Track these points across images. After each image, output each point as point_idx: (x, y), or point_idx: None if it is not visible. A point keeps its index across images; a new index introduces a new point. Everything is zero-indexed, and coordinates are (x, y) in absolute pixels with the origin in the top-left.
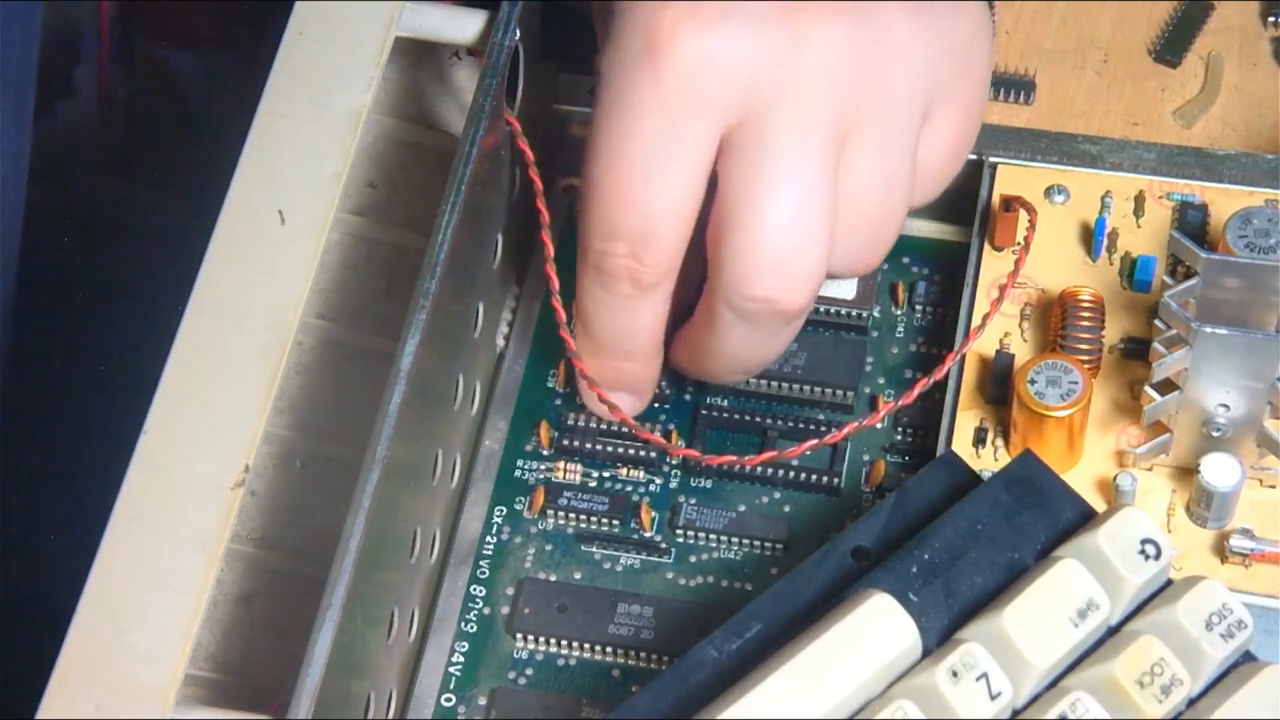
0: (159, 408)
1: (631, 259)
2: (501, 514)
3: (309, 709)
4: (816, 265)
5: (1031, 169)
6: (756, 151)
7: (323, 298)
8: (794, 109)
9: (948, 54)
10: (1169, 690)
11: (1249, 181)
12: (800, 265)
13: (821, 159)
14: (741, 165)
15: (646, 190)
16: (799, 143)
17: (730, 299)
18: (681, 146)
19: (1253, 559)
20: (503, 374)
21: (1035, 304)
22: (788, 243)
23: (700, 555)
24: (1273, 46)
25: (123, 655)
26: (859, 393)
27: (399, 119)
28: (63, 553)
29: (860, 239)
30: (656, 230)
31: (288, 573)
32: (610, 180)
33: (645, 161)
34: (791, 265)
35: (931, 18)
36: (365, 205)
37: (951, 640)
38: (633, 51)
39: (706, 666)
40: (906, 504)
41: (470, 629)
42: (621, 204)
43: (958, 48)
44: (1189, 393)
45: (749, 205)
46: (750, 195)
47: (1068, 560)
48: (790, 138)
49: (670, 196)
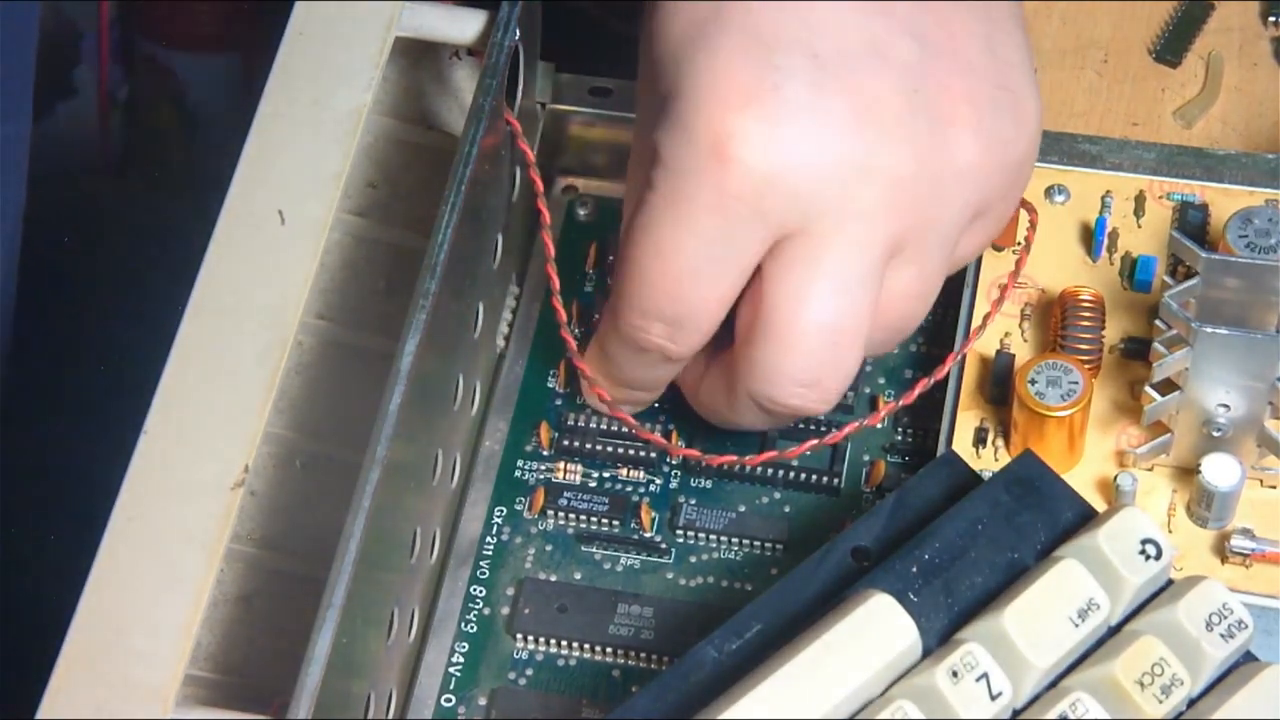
0: (159, 408)
1: (664, 339)
2: (502, 514)
3: (309, 709)
4: (846, 379)
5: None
6: (806, 267)
7: (323, 298)
8: (852, 231)
9: (1004, 169)
10: (1169, 690)
11: (1249, 181)
12: (831, 380)
13: (870, 282)
14: (789, 276)
15: (694, 287)
16: (852, 265)
17: (757, 397)
18: (735, 251)
19: (1253, 559)
20: (503, 374)
21: (1035, 304)
22: (824, 359)
23: (700, 555)
24: (1273, 46)
25: (123, 655)
26: (859, 393)
27: (399, 119)
28: (63, 553)
29: (886, 337)
30: (695, 319)
31: (288, 573)
32: (657, 270)
33: (696, 261)
34: (822, 380)
35: (998, 138)
36: (365, 205)
37: (951, 640)
38: (699, 151)
39: (706, 666)
40: (906, 504)
41: (470, 629)
42: (665, 294)
43: (1015, 162)
44: (1189, 393)
45: (790, 317)
46: (793, 307)
47: (1068, 560)
48: (844, 259)
49: (715, 295)
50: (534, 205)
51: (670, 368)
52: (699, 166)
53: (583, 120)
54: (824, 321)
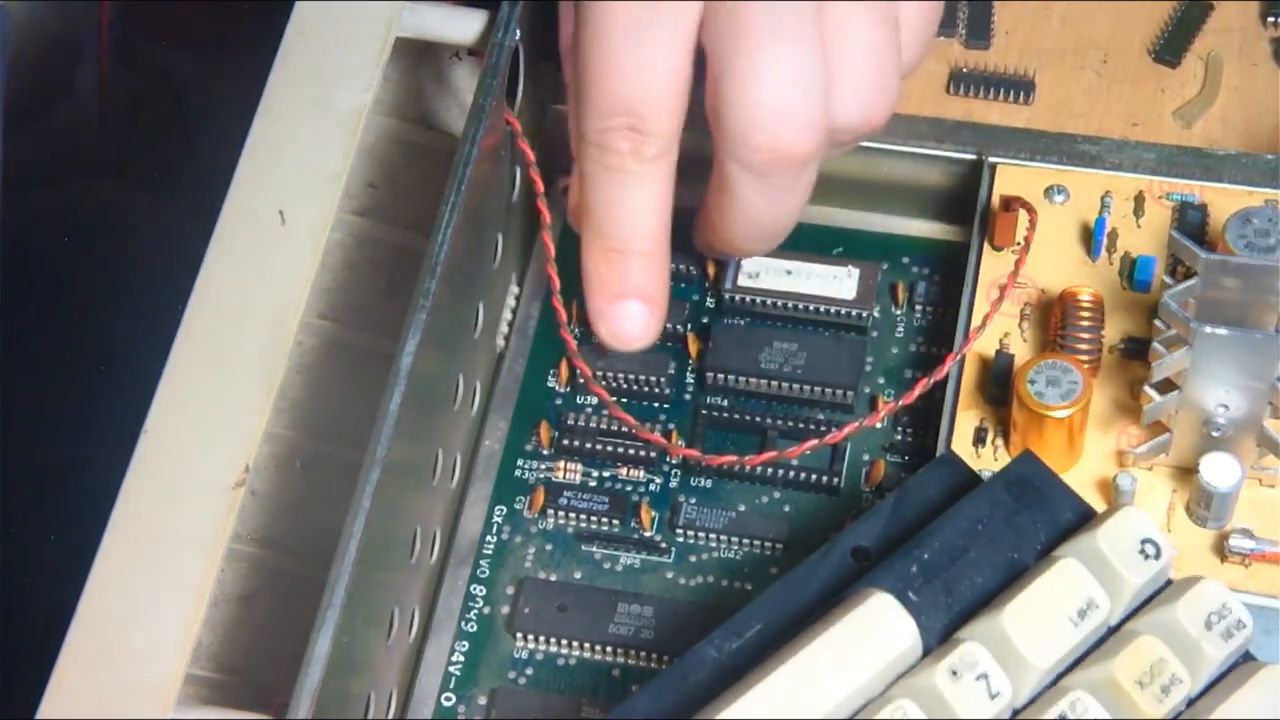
0: (159, 408)
1: (631, 130)
2: (502, 514)
3: (309, 709)
4: (815, 108)
5: (1031, 169)
6: (738, 20)
7: (324, 298)
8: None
9: None
10: (1168, 690)
11: (1249, 181)
12: (798, 107)
13: (801, 24)
14: (726, 25)
15: (643, 71)
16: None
17: (737, 154)
18: (671, 26)
19: (1252, 559)
20: (503, 374)
21: (1035, 304)
22: (782, 88)
23: (700, 555)
24: (1273, 46)
25: (123, 655)
26: (859, 393)
27: (399, 119)
28: (63, 553)
29: (861, 95)
30: (652, 100)
31: (288, 572)
32: (604, 67)
33: (637, 47)
34: (789, 108)
35: None
36: (366, 206)
37: (951, 640)
38: None
39: (706, 666)
40: (906, 504)
41: (470, 628)
42: (616, 83)
43: None
44: (1189, 393)
45: (737, 59)
46: (736, 50)
47: (1067, 560)
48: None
49: (664, 72)
50: (534, 205)
51: (651, 179)
52: None
53: None
54: (767, 51)
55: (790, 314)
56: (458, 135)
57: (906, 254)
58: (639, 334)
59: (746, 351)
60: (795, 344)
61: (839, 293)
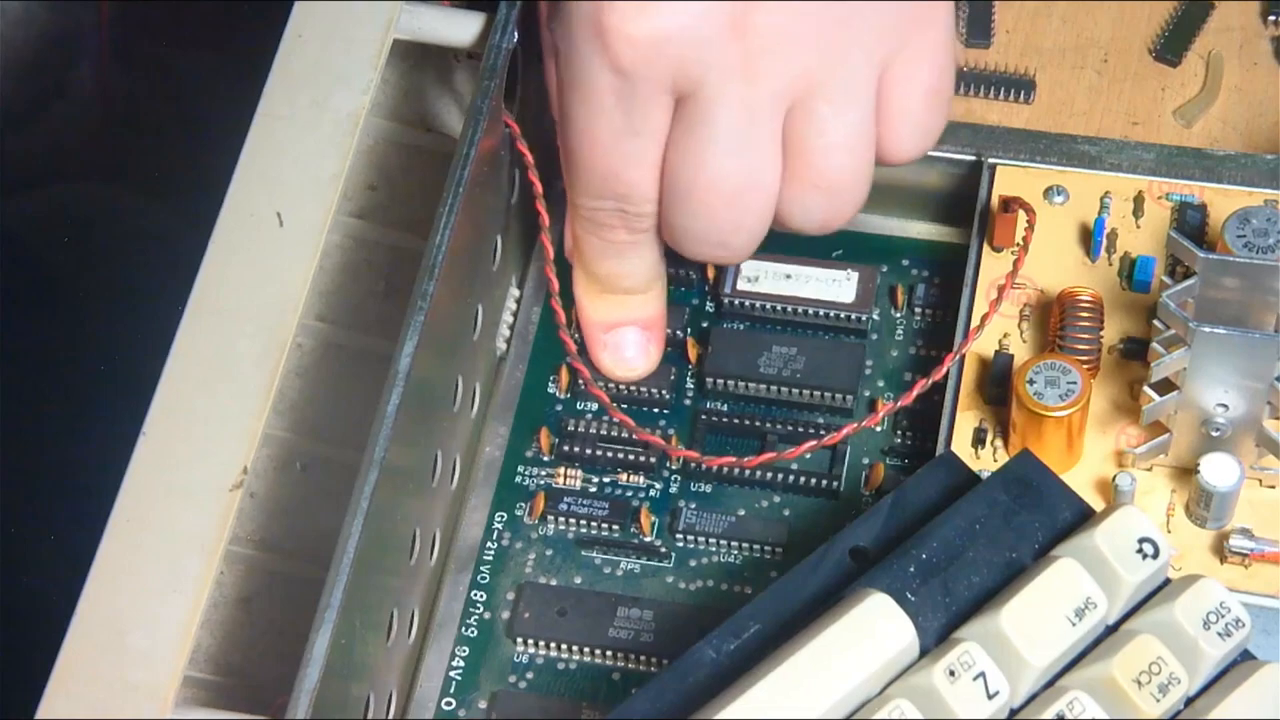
0: (158, 409)
1: (620, 213)
2: (502, 520)
3: (307, 710)
4: (751, 236)
5: (1031, 170)
6: (698, 128)
7: (322, 300)
8: (735, 89)
9: (901, 9)
10: (1166, 689)
11: (1248, 182)
12: (735, 239)
13: (762, 139)
14: (685, 139)
15: (622, 161)
16: (739, 123)
17: (683, 250)
18: (642, 121)
19: (1252, 559)
20: (503, 380)
21: (1034, 304)
22: (725, 219)
23: (700, 559)
24: (1273, 46)
25: (122, 656)
26: (859, 396)
27: (398, 121)
28: (63, 553)
29: (821, 196)
30: (639, 190)
31: (287, 574)
32: (586, 153)
33: (614, 138)
34: (727, 240)
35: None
36: (365, 208)
37: (949, 640)
38: (585, 33)
39: (705, 667)
40: (905, 504)
41: (471, 633)
42: (601, 174)
43: None
44: (1188, 393)
45: (688, 179)
46: (689, 170)
47: (1065, 559)
48: (731, 117)
49: (644, 166)
50: (534, 207)
51: (644, 244)
52: (588, 49)
53: None
54: (719, 181)
55: (789, 318)
56: (456, 137)
57: (905, 256)
58: (636, 360)
59: (746, 356)
60: (794, 348)
61: (838, 296)
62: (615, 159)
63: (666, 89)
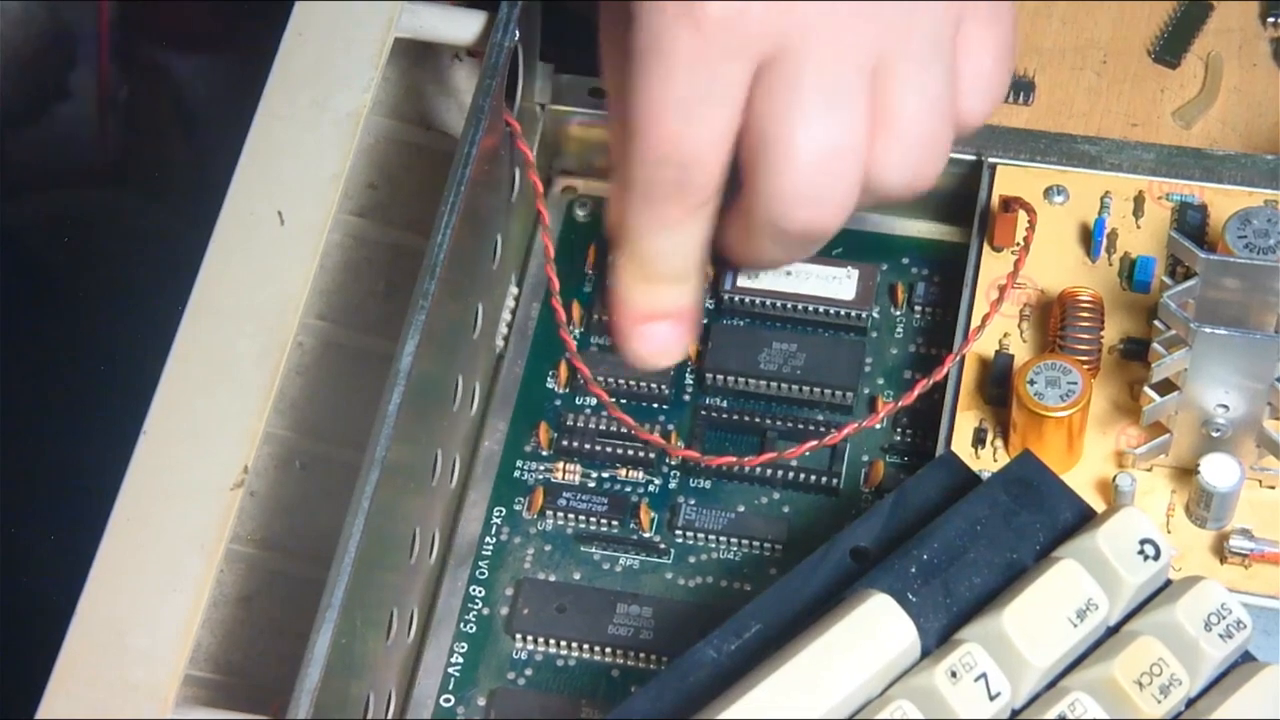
0: (159, 408)
1: (679, 181)
2: (501, 515)
3: (308, 709)
4: (848, 193)
5: (1031, 169)
6: (787, 89)
7: (323, 299)
8: (824, 47)
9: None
10: (1168, 690)
11: (1248, 182)
12: (833, 194)
13: (852, 96)
14: (774, 101)
15: (693, 128)
16: (829, 80)
17: (767, 227)
18: (722, 88)
19: (1252, 559)
20: (502, 375)
21: (1034, 304)
22: (819, 177)
23: (699, 556)
24: (1272, 47)
25: (122, 655)
26: (858, 393)
27: (398, 120)
28: (63, 553)
29: (912, 160)
30: (703, 155)
31: (287, 573)
32: (655, 122)
33: (689, 104)
34: (824, 196)
35: None
36: (365, 206)
37: (950, 640)
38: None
39: (705, 667)
40: (905, 504)
41: (469, 629)
42: (666, 141)
43: None
44: (1188, 393)
45: (782, 139)
46: (782, 130)
47: (1067, 560)
48: (821, 75)
49: (714, 132)
50: (533, 206)
51: (696, 222)
52: (671, 16)
53: (582, 121)
54: (814, 138)
55: (789, 315)
56: (457, 136)
57: (906, 254)
58: (667, 352)
59: (746, 352)
60: (794, 345)
61: (838, 293)
62: (683, 124)
63: (751, 52)
